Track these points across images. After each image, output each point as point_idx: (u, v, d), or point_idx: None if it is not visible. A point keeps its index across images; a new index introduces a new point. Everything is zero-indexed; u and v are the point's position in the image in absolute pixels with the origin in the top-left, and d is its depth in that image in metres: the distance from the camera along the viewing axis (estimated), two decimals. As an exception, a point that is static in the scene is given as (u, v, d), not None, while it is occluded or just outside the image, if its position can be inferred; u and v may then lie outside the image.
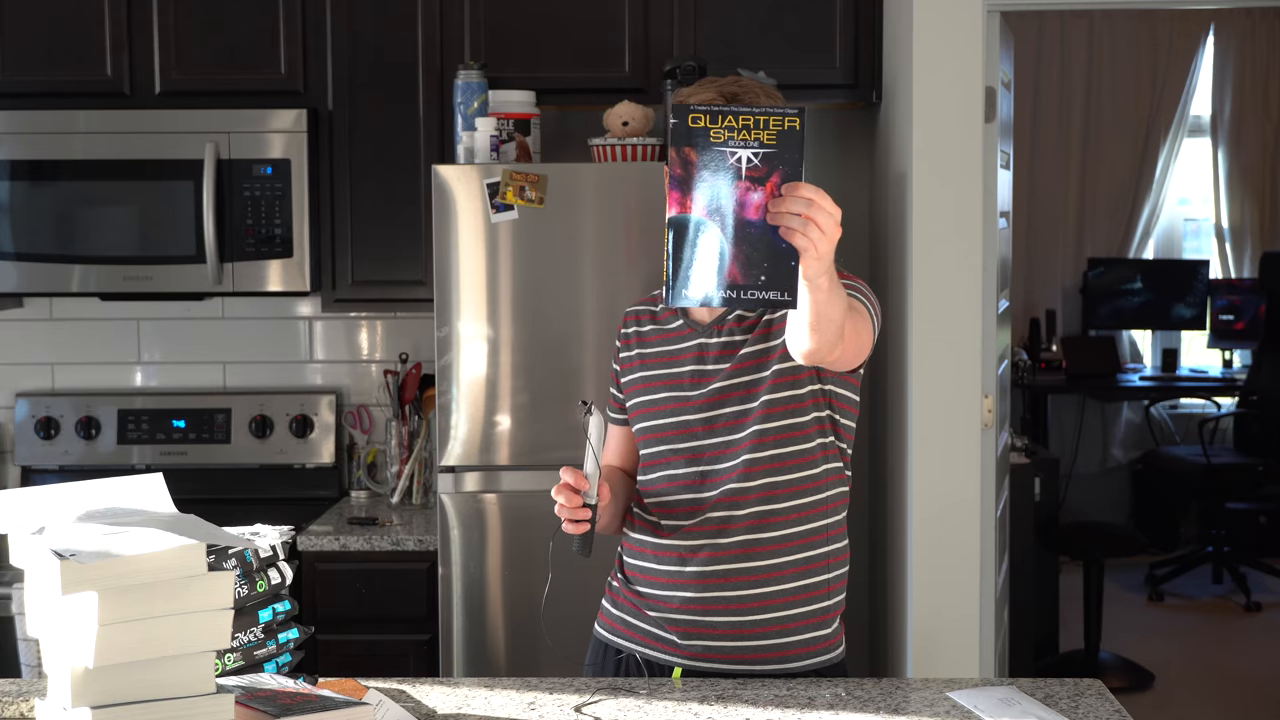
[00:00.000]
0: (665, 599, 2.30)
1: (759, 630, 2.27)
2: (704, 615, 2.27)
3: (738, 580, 2.26)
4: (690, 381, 2.30)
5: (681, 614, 2.28)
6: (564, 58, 3.66)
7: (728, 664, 2.27)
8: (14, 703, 2.14)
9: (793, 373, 2.24)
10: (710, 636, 2.27)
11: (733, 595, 2.26)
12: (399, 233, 3.68)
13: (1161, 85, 7.23)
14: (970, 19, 3.33)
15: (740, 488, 2.25)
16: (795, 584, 2.27)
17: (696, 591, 2.27)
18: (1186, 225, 7.63)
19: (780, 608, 2.27)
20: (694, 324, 2.33)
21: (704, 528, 2.27)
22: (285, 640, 2.12)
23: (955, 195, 3.33)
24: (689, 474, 2.29)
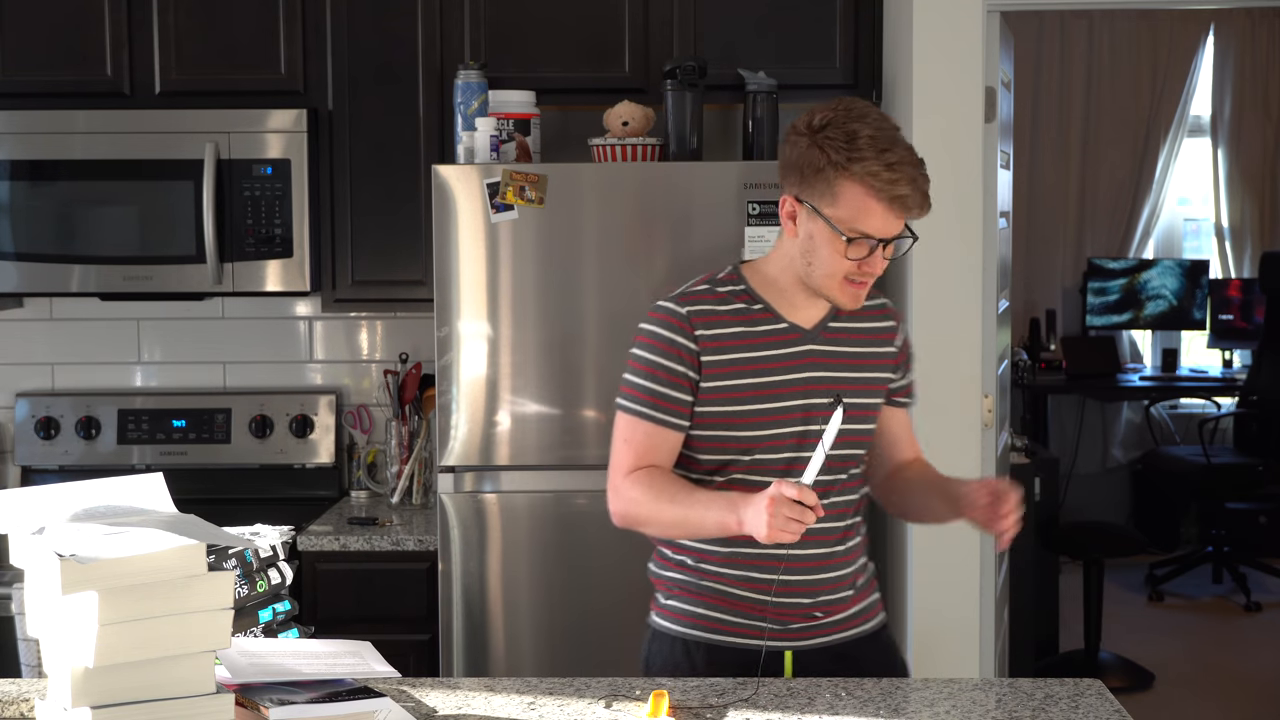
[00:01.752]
0: (785, 586, 2.32)
1: (841, 608, 2.37)
2: (797, 598, 2.34)
3: (823, 564, 2.34)
4: (803, 389, 2.30)
5: (801, 597, 2.34)
6: (564, 58, 3.66)
7: (814, 639, 2.36)
8: (14, 703, 2.14)
9: (881, 383, 2.39)
10: (801, 618, 2.35)
11: (818, 578, 2.34)
12: (399, 233, 3.68)
13: (1161, 85, 7.23)
14: (970, 19, 3.33)
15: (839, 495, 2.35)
16: (856, 566, 2.41)
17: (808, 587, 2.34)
18: (1186, 225, 7.64)
19: (850, 587, 2.39)
20: (798, 328, 2.32)
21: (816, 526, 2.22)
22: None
23: (955, 195, 3.33)
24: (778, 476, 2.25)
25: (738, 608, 2.33)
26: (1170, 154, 7.28)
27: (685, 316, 2.29)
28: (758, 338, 2.30)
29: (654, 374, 2.30)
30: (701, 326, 2.29)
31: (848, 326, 2.36)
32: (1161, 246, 7.49)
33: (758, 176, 3.24)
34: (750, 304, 2.31)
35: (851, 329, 2.36)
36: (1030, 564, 4.76)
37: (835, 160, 2.17)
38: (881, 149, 2.17)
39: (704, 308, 2.31)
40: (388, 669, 2.02)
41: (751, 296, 2.32)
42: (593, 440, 3.29)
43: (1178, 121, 7.26)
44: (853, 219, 2.19)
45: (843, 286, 2.25)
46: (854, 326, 2.36)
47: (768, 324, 2.31)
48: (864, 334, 2.37)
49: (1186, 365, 7.32)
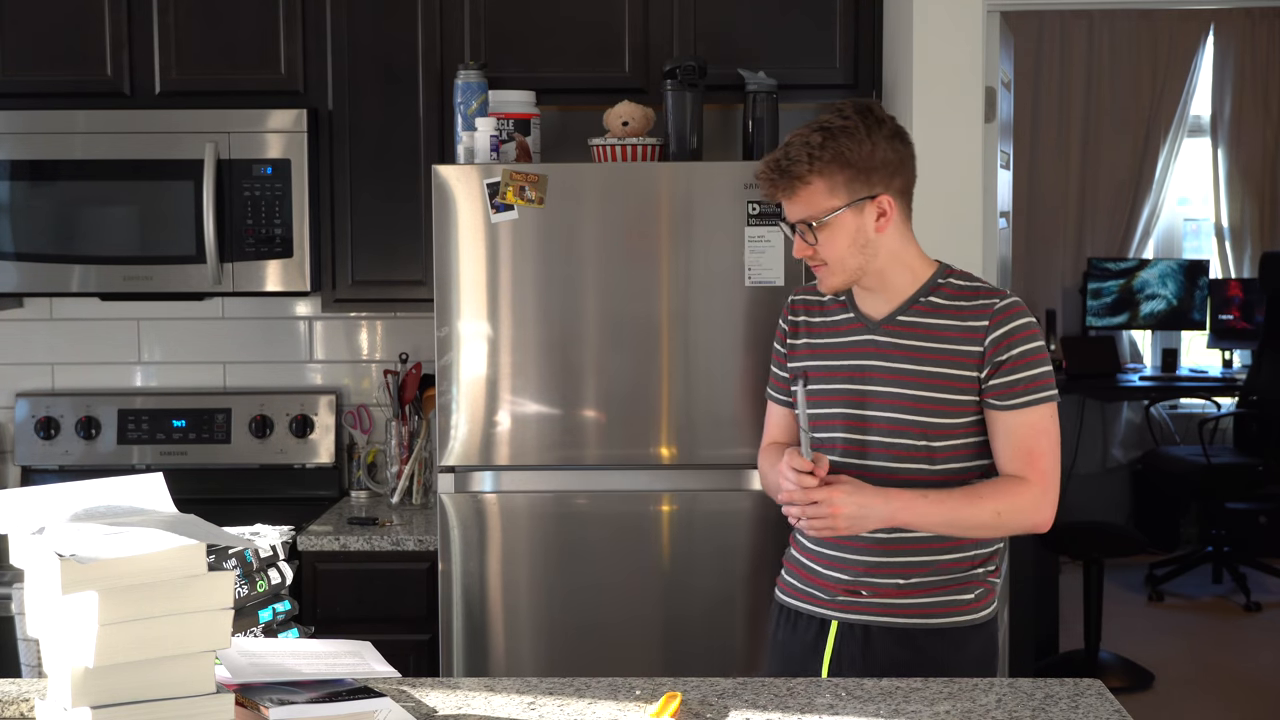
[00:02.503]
0: (829, 559, 2.49)
1: (889, 593, 2.46)
2: (838, 573, 2.48)
3: (865, 546, 2.45)
4: (860, 375, 2.45)
5: (842, 573, 2.47)
6: (564, 58, 3.66)
7: (860, 615, 2.48)
8: (14, 703, 2.14)
9: (955, 379, 2.41)
10: (845, 592, 2.48)
11: (859, 559, 2.47)
12: (399, 233, 3.68)
13: (1161, 85, 7.23)
14: (970, 19, 3.33)
15: (898, 484, 2.42)
16: (909, 560, 2.47)
17: (850, 565, 2.47)
18: (1186, 225, 7.64)
19: (899, 577, 2.46)
20: (865, 319, 2.47)
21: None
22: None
23: (955, 195, 3.33)
24: (841, 463, 2.43)
25: (801, 575, 2.54)
26: (1170, 154, 7.28)
27: (789, 305, 2.60)
28: (830, 325, 2.51)
29: (774, 359, 2.65)
30: (794, 314, 2.58)
31: (925, 320, 2.43)
32: (1161, 246, 7.49)
33: (758, 176, 3.24)
34: (836, 297, 2.52)
35: (928, 323, 2.42)
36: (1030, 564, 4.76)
37: None
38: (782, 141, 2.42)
39: (804, 297, 2.58)
40: (388, 669, 2.03)
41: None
42: (593, 440, 3.29)
43: (1178, 121, 7.26)
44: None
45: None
46: (933, 321, 2.42)
47: (840, 313, 2.51)
48: (941, 330, 2.41)
49: (1186, 365, 7.33)
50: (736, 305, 3.25)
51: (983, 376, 2.38)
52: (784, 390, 2.60)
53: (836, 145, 2.34)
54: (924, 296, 2.43)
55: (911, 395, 2.39)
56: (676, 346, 3.28)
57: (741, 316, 3.26)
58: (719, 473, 3.30)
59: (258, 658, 1.96)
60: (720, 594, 3.30)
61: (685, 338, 3.28)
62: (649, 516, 3.31)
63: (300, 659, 1.99)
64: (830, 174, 2.34)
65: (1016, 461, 2.38)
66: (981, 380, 2.38)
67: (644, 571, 3.32)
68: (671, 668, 3.21)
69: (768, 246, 3.23)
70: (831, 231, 2.37)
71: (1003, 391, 2.37)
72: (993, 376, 2.37)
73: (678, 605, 3.31)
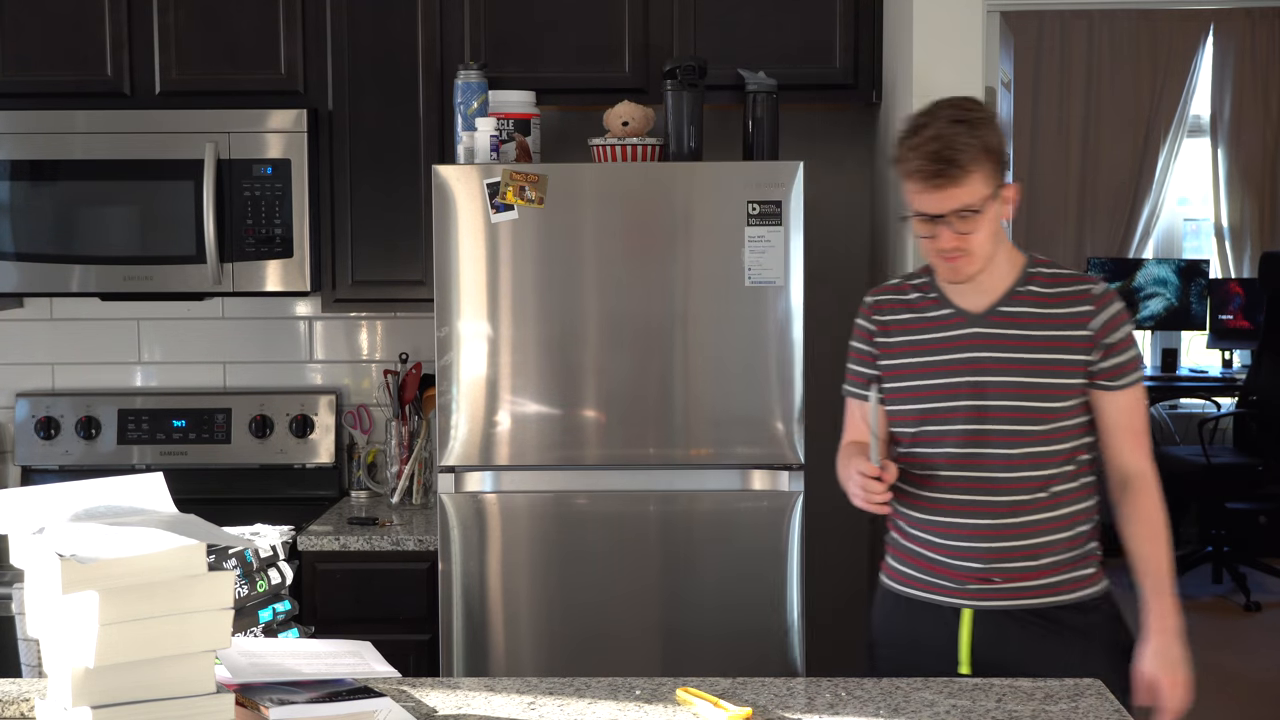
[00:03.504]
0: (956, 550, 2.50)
1: (1021, 576, 2.49)
2: (969, 563, 2.50)
3: (994, 534, 2.48)
4: (973, 367, 2.47)
5: (973, 562, 2.49)
6: (564, 58, 3.66)
7: (994, 602, 2.49)
8: (14, 703, 2.14)
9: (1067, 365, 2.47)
10: (977, 580, 2.50)
11: (989, 547, 2.48)
12: (399, 233, 3.68)
13: (1161, 85, 7.23)
14: (970, 19, 3.33)
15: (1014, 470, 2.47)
16: (1036, 541, 2.50)
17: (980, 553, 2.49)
18: (1186, 225, 7.64)
19: (1029, 559, 2.50)
20: (964, 312, 2.51)
21: (984, 498, 2.48)
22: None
23: (955, 195, 3.33)
24: (960, 453, 2.48)
25: (924, 566, 2.55)
26: (1170, 154, 7.28)
27: (870, 305, 2.63)
28: (925, 322, 2.54)
29: (853, 357, 2.66)
30: (879, 313, 2.61)
31: (1028, 310, 2.48)
32: (1161, 246, 7.49)
33: (758, 177, 3.24)
34: (926, 293, 2.56)
35: (1032, 312, 2.48)
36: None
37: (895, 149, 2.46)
38: (911, 132, 2.41)
39: (885, 297, 2.62)
40: (388, 669, 2.03)
41: (930, 286, 2.56)
42: (593, 440, 3.29)
43: (1178, 121, 7.26)
44: (908, 199, 2.44)
45: (938, 263, 2.47)
46: (1034, 311, 2.48)
47: (935, 310, 2.54)
48: (1047, 318, 2.47)
49: (1186, 365, 7.32)
50: (736, 305, 3.25)
51: (1094, 359, 2.47)
52: (862, 386, 2.62)
53: (983, 136, 2.40)
54: (1021, 286, 2.49)
55: (1027, 382, 2.45)
56: (676, 346, 3.28)
57: (741, 316, 3.26)
58: (719, 473, 3.30)
59: (258, 658, 1.96)
60: (720, 594, 3.30)
61: (685, 338, 3.28)
62: (649, 516, 3.31)
63: (300, 659, 1.99)
64: (981, 163, 2.39)
65: (1126, 439, 2.52)
66: (1092, 363, 2.47)
67: (644, 571, 3.32)
68: (671, 668, 3.21)
69: (768, 246, 3.23)
70: (980, 221, 2.41)
71: (1114, 372, 2.48)
72: (1104, 359, 2.47)
73: (677, 605, 3.31)
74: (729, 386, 3.28)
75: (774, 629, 3.30)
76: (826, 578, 4.05)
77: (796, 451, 3.29)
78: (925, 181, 2.38)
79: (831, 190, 3.99)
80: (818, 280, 3.83)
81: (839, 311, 3.99)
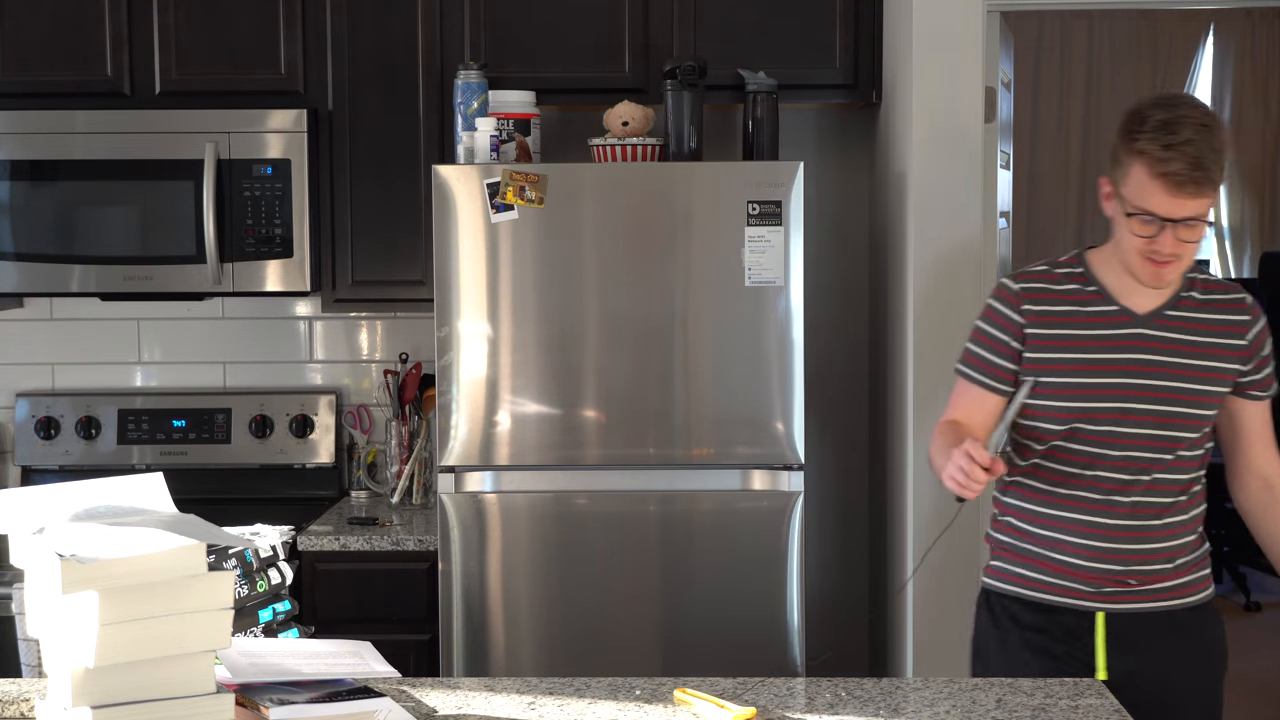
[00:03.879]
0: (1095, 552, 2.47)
1: (1158, 579, 2.48)
2: (1108, 564, 2.46)
3: (1137, 535, 2.46)
4: (1130, 369, 2.43)
5: (1113, 564, 2.46)
6: (564, 58, 3.66)
7: (1128, 604, 2.47)
8: (14, 703, 2.14)
9: (1223, 373, 2.47)
10: (1114, 583, 2.47)
11: (1131, 548, 2.46)
12: (399, 233, 3.68)
13: (1161, 85, 7.23)
14: (970, 19, 3.33)
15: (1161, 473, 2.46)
16: (1175, 543, 2.49)
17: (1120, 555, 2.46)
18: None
19: (1167, 562, 2.49)
20: (1129, 312, 2.45)
21: (1132, 499, 2.45)
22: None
23: (955, 195, 3.34)
24: (1111, 455, 2.45)
25: (1054, 569, 2.49)
26: (1170, 154, 7.27)
27: (1017, 292, 2.50)
28: (1086, 317, 2.46)
29: (981, 340, 2.54)
30: (1030, 302, 2.49)
31: (1191, 315, 2.46)
32: (1161, 246, 7.48)
33: (757, 177, 3.24)
34: (1085, 285, 2.48)
35: (1195, 318, 2.46)
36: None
37: (1125, 140, 2.36)
38: (1166, 131, 2.31)
39: (1036, 285, 2.51)
40: (388, 669, 2.03)
41: (1088, 279, 2.49)
42: (593, 440, 3.29)
43: (1177, 121, 7.25)
44: (1136, 196, 2.34)
45: (1142, 264, 2.39)
46: (1199, 316, 2.47)
47: (1098, 305, 2.47)
48: (1209, 324, 2.47)
49: (1186, 365, 7.31)
50: (736, 305, 3.25)
51: (1246, 369, 2.49)
52: (991, 374, 2.52)
53: (1224, 144, 2.37)
54: (1185, 292, 2.48)
55: (1185, 388, 2.44)
56: (676, 346, 3.28)
57: (741, 316, 3.26)
58: (719, 473, 3.30)
59: (258, 658, 1.96)
60: (720, 594, 3.30)
61: (685, 338, 3.28)
62: (649, 516, 3.31)
63: (300, 659, 1.99)
64: (1221, 175, 2.38)
65: (1268, 446, 2.56)
66: (1244, 373, 2.49)
67: (644, 572, 3.32)
68: (671, 668, 3.20)
69: (768, 246, 3.23)
70: (1202, 230, 2.39)
71: (1263, 383, 2.52)
72: (1256, 370, 2.50)
73: (677, 605, 3.31)
74: (729, 386, 3.28)
75: (774, 629, 3.30)
76: (826, 578, 4.05)
77: (796, 451, 3.29)
78: (1178, 187, 2.30)
79: (831, 190, 3.99)
80: (818, 280, 3.83)
81: (839, 311, 4.00)
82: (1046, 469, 2.50)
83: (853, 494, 4.05)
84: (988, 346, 2.53)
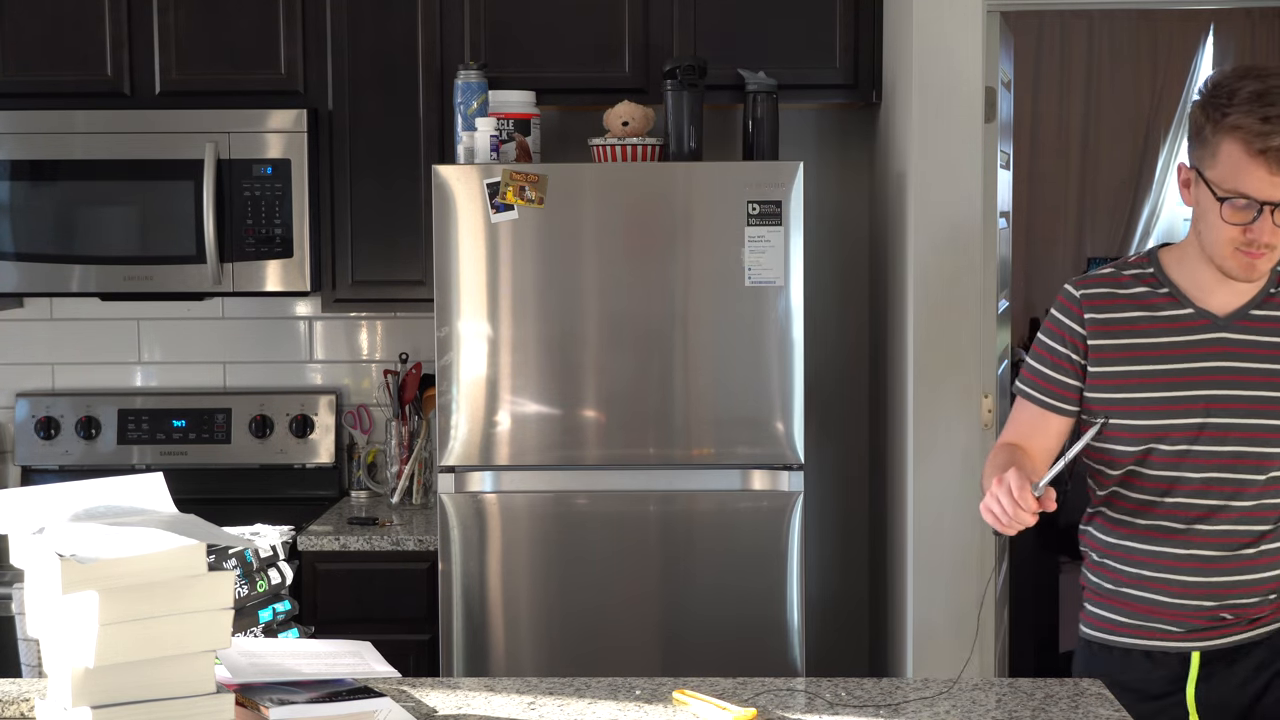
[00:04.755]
0: (1185, 588, 2.22)
1: (1254, 611, 2.23)
2: (1199, 600, 2.22)
3: (1231, 566, 2.20)
4: (1210, 379, 2.17)
5: (1205, 599, 2.21)
6: (564, 58, 3.66)
7: (1222, 639, 2.23)
8: (14, 703, 2.14)
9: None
10: (1205, 620, 2.23)
11: (1226, 580, 2.21)
12: (399, 233, 3.68)
13: (1161, 85, 7.22)
14: (970, 19, 3.33)
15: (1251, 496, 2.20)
16: (1274, 573, 2.23)
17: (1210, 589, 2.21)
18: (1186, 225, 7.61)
19: (1266, 592, 2.23)
20: (1208, 314, 2.19)
21: (1219, 527, 2.19)
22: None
23: (955, 195, 3.33)
24: (1196, 478, 2.19)
25: (1143, 610, 2.24)
26: (1170, 153, 7.27)
27: (1078, 299, 2.24)
28: (1158, 323, 2.20)
29: (1041, 354, 2.27)
30: (1093, 310, 2.22)
31: (1276, 314, 2.19)
32: (1161, 246, 7.48)
33: (757, 176, 3.24)
34: (1156, 288, 2.23)
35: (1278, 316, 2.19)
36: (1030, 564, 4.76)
37: (1213, 117, 2.11)
38: (1263, 103, 2.05)
39: (1101, 290, 2.24)
40: (388, 669, 2.03)
41: (1159, 280, 2.23)
42: (593, 440, 3.29)
43: (1178, 121, 7.25)
44: (1229, 178, 2.10)
45: (1233, 255, 2.13)
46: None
47: (1171, 309, 2.21)
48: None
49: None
50: (736, 305, 3.25)
51: None
52: (1052, 392, 2.25)
53: None
54: (1275, 287, 2.21)
55: (1265, 398, 2.17)
56: (676, 346, 3.28)
57: (741, 316, 3.26)
58: (719, 473, 3.30)
59: (258, 658, 1.96)
60: (720, 594, 3.30)
61: (685, 338, 3.28)
62: (649, 516, 3.31)
63: (300, 659, 1.99)
64: None
65: None
66: None
67: (644, 572, 3.32)
68: (671, 667, 3.21)
69: (768, 246, 3.23)
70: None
71: None
72: None
73: (677, 605, 3.31)
74: (729, 386, 3.28)
75: (774, 629, 3.30)
76: (826, 578, 4.05)
77: (796, 451, 3.29)
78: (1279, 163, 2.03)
79: (831, 190, 3.99)
80: (818, 280, 3.83)
81: (839, 311, 4.00)
82: (1123, 497, 2.25)
83: (853, 494, 4.05)
84: (1047, 361, 2.26)
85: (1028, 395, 2.28)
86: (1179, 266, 2.24)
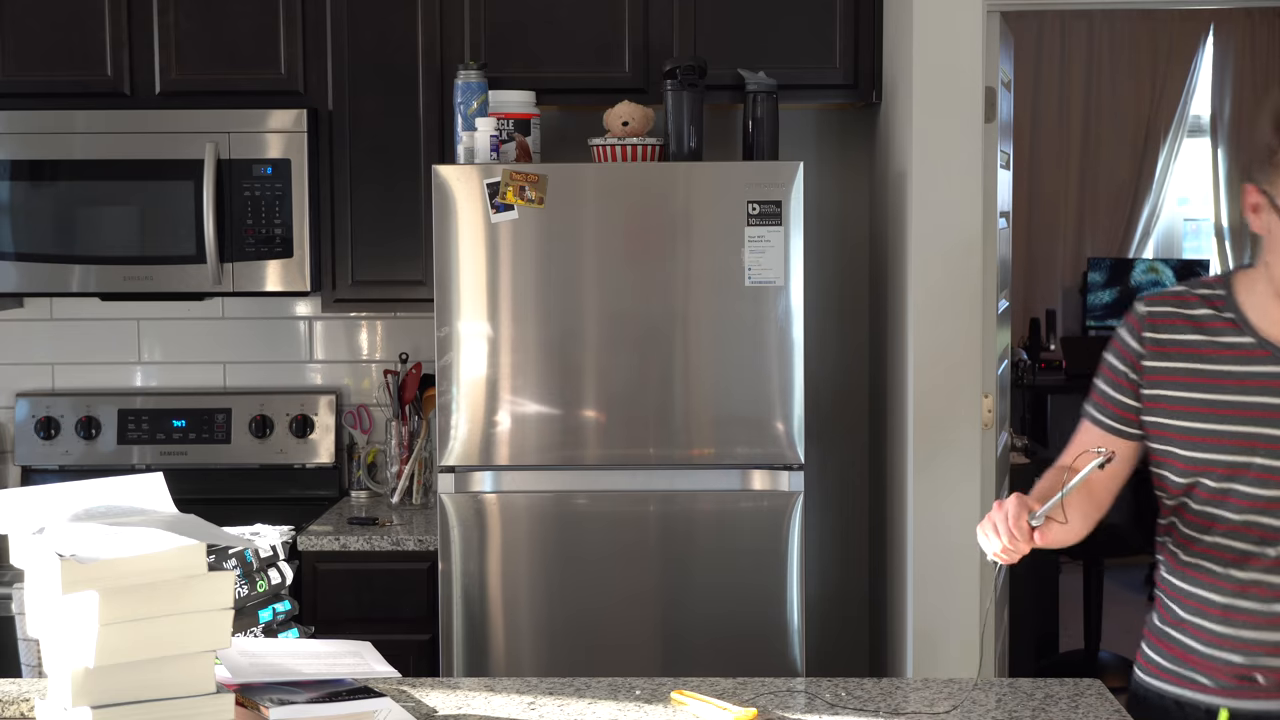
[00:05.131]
0: (1217, 638, 2.08)
1: None
2: (1226, 653, 2.07)
3: (1262, 622, 2.04)
4: (1253, 415, 2.00)
5: (1234, 654, 2.06)
6: (564, 58, 3.66)
7: (1253, 701, 2.06)
8: (14, 703, 2.14)
9: None
10: (1231, 677, 2.07)
11: (1255, 637, 2.05)
12: (399, 233, 3.68)
13: (1161, 85, 7.23)
14: (970, 19, 3.33)
15: None
16: None
17: (1240, 644, 2.05)
18: (1186, 225, 7.64)
19: None
20: (1269, 344, 2.02)
21: (1251, 575, 2.03)
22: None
23: (955, 195, 3.34)
24: (1239, 520, 2.03)
25: (1179, 655, 2.12)
26: (1170, 154, 7.28)
27: (1141, 316, 2.10)
28: (1216, 349, 2.04)
29: (1105, 372, 2.15)
30: (1153, 330, 2.08)
31: None
32: (1161, 246, 7.49)
33: (758, 177, 3.24)
34: (1221, 311, 2.06)
35: None
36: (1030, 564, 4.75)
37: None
38: None
39: (1166, 309, 2.09)
40: (388, 669, 2.03)
41: (1226, 304, 2.05)
42: (593, 440, 3.29)
43: (1178, 121, 7.26)
44: None
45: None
46: None
47: (1231, 335, 2.04)
48: None
49: (1186, 365, 7.31)
50: (736, 305, 3.25)
51: None
52: (1111, 412, 2.14)
53: None
54: None
55: None
56: (676, 346, 3.28)
57: (741, 316, 3.26)
58: (719, 473, 3.30)
59: (258, 658, 1.96)
60: (720, 594, 3.30)
61: (685, 338, 3.28)
62: (649, 517, 3.31)
63: (300, 659, 1.99)
64: None
65: None
66: None
67: (644, 572, 3.32)
68: (671, 668, 3.21)
69: (768, 246, 3.23)
70: None
71: None
72: None
73: (677, 605, 3.31)
74: (729, 386, 3.28)
75: (774, 629, 3.30)
76: (826, 578, 4.05)
77: (796, 451, 3.29)
78: None
79: (831, 190, 3.99)
80: (818, 280, 3.83)
81: (839, 311, 4.00)
82: (1176, 529, 2.13)
83: (853, 494, 4.05)
84: (1109, 380, 2.13)
85: (1089, 415, 2.18)
86: (1249, 292, 2.06)
